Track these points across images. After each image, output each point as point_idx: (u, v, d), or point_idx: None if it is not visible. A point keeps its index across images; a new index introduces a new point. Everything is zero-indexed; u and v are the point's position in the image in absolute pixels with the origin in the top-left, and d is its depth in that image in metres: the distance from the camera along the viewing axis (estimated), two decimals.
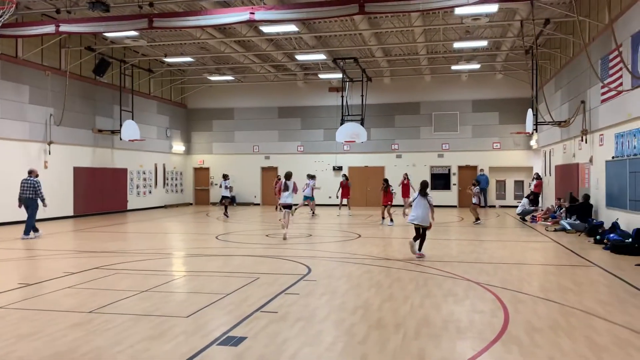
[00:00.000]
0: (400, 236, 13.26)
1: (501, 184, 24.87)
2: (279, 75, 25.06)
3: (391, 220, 16.20)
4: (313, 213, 19.51)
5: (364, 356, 4.36)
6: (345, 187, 20.06)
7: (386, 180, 16.91)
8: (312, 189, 19.64)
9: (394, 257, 9.65)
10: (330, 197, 21.27)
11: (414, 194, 11.04)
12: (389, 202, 16.41)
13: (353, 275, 7.85)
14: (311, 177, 20.06)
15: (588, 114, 14.84)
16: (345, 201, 20.21)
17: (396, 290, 6.81)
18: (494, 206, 24.30)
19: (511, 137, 23.95)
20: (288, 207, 13.03)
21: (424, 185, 9.63)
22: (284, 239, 12.15)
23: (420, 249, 9.49)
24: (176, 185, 26.72)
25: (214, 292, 6.63)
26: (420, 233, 9.46)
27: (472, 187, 16.57)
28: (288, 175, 13.14)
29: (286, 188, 12.83)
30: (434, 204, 9.50)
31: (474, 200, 16.38)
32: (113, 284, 7.24)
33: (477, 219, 16.17)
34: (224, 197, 19.73)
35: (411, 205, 9.50)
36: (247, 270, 8.20)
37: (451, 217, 19.15)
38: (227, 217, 19.28)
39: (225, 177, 19.89)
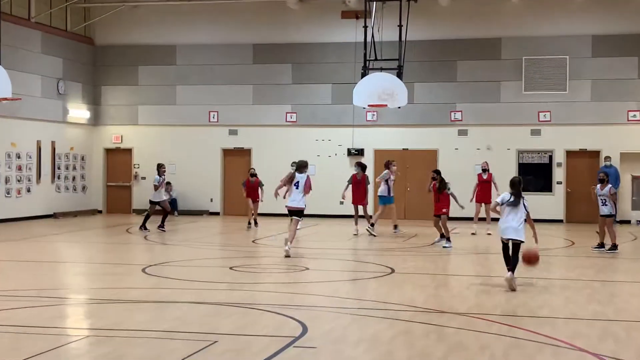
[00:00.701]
0: (462, 270, 13.15)
1: None
2: None
3: (448, 239, 16.32)
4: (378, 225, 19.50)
5: None
6: (361, 185, 19.76)
7: (438, 172, 16.95)
8: (390, 187, 19.11)
9: (451, 307, 9.66)
10: (342, 203, 21.19)
11: (500, 196, 11.54)
12: (444, 210, 16.52)
13: (380, 339, 7.88)
14: (390, 163, 19.57)
15: None
16: (361, 209, 20.07)
17: None
18: (629, 222, 24.28)
19: None
20: (298, 213, 14.60)
21: (516, 183, 10.88)
22: (287, 256, 14.27)
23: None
24: (74, 178, 26.79)
25: None
26: (512, 251, 10.68)
27: (599, 186, 16.26)
28: (301, 166, 14.58)
29: (299, 183, 14.18)
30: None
31: (607, 209, 15.99)
32: None
33: (614, 245, 16.05)
34: (156, 203, 19.79)
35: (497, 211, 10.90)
36: (197, 329, 8.23)
37: (554, 239, 19.11)
38: (163, 230, 19.42)
39: (160, 167, 19.93)
